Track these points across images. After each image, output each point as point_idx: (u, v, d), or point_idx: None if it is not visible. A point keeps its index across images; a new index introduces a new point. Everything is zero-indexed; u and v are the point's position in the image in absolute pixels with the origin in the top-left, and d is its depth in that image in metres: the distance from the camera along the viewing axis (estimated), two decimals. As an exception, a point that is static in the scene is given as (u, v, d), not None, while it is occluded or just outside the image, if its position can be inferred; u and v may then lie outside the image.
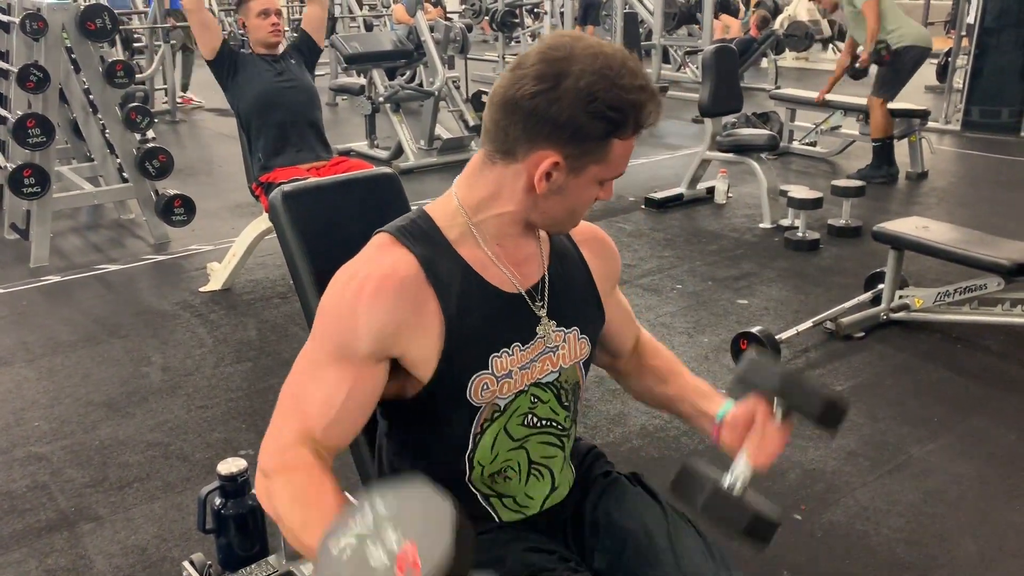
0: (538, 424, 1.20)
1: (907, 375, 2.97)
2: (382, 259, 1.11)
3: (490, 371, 1.14)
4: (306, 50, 3.62)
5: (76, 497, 2.33)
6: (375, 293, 1.08)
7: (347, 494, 1.07)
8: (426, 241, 1.13)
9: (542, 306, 1.18)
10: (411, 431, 1.22)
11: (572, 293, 1.22)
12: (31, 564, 2.07)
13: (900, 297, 3.29)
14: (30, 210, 4.23)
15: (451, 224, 1.15)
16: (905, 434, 2.60)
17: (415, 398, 1.15)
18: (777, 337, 2.97)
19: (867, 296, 3.43)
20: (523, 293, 1.16)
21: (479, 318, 1.12)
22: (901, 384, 2.91)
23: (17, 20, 4.18)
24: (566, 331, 1.21)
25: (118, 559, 2.09)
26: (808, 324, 3.17)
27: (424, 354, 1.11)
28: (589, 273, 1.26)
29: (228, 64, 3.42)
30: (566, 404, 1.23)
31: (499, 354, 1.14)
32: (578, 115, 1.02)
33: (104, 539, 2.16)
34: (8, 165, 4.21)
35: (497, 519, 1.22)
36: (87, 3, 4.39)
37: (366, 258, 1.13)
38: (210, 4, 8.75)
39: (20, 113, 4.10)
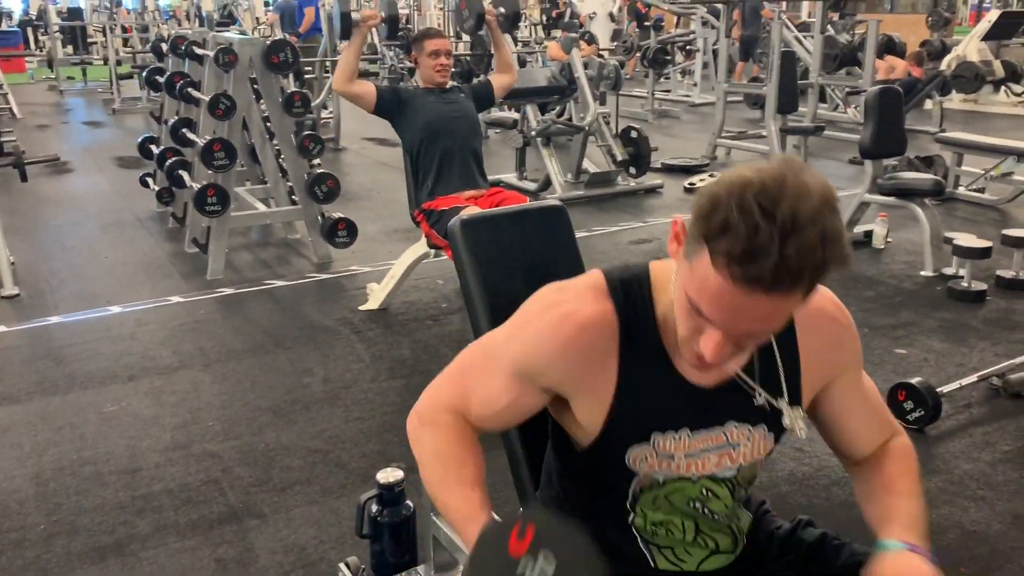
0: (707, 513, 1.19)
1: (1084, 440, 2.77)
2: (587, 305, 1.11)
3: (651, 445, 1.13)
4: (482, 96, 3.85)
5: (244, 494, 2.51)
6: (568, 341, 1.09)
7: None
8: (635, 306, 1.12)
9: (727, 405, 1.13)
10: (578, 477, 1.25)
11: (768, 385, 1.14)
12: (204, 552, 2.25)
13: (1078, 356, 3.09)
14: (210, 227, 4.59)
15: (663, 294, 1.11)
16: (1081, 503, 2.43)
17: (583, 451, 1.18)
18: (938, 390, 2.84)
19: (1040, 353, 3.23)
20: (707, 389, 1.12)
21: (653, 396, 1.11)
22: (1077, 449, 2.72)
23: (211, 53, 4.57)
24: (751, 428, 1.15)
25: (280, 555, 2.23)
26: (972, 378, 3.01)
27: (591, 413, 1.13)
28: (797, 361, 1.15)
29: (392, 108, 3.63)
30: (739, 497, 1.22)
31: (664, 434, 1.13)
32: (699, 199, 0.95)
33: (268, 536, 2.32)
34: (194, 185, 4.59)
35: (653, 564, 1.22)
36: (273, 38, 4.76)
37: (576, 293, 1.13)
38: (373, 39, 9.25)
39: (208, 138, 4.48)
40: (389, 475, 2.07)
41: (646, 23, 12.81)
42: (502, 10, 6.03)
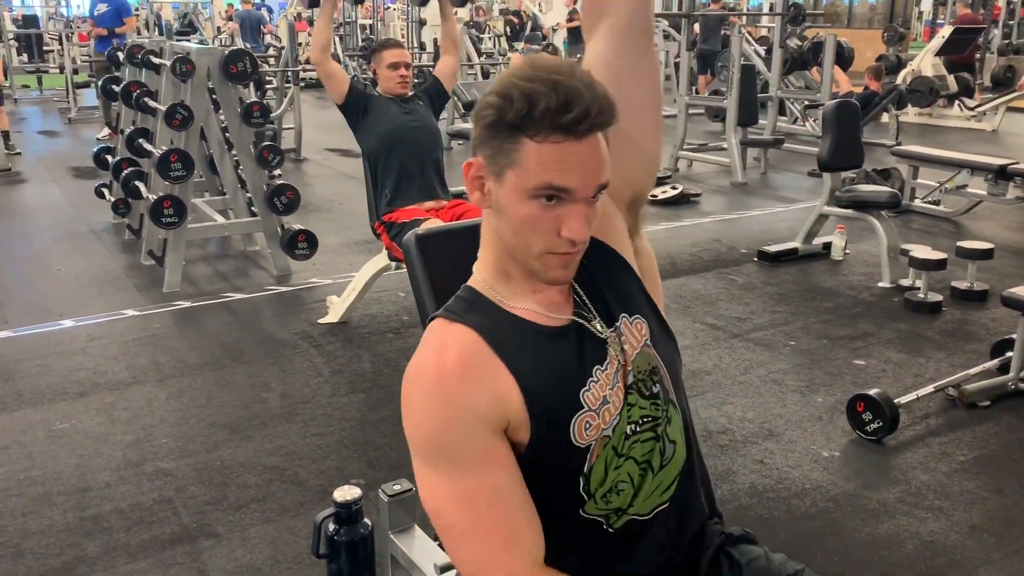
0: (636, 429, 1.14)
1: (1037, 449, 2.81)
2: (444, 343, 1.10)
3: (585, 408, 1.10)
4: (435, 95, 3.78)
5: (197, 514, 2.45)
6: (462, 376, 1.06)
7: None
8: (475, 310, 1.13)
9: (597, 321, 1.14)
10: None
11: (609, 286, 1.17)
12: (156, 574, 2.18)
13: (1031, 366, 3.14)
14: (166, 239, 4.51)
15: (491, 286, 1.15)
16: (1035, 512, 2.46)
17: (525, 460, 1.11)
18: (896, 401, 2.86)
19: (994, 363, 3.28)
20: (575, 319, 1.13)
21: (549, 363, 1.10)
22: (1031, 459, 2.76)
23: (168, 63, 4.50)
24: (620, 325, 1.16)
25: (234, 576, 2.18)
26: (929, 389, 3.04)
27: (516, 417, 1.08)
28: (614, 251, 1.20)
29: (359, 106, 3.58)
30: (648, 394, 1.15)
31: (587, 387, 1.10)
32: (484, 110, 1.03)
33: (222, 556, 2.26)
34: (150, 196, 4.51)
35: (611, 530, 1.15)
36: (231, 48, 4.69)
37: (428, 350, 1.11)
38: (336, 49, 9.20)
39: (164, 148, 4.40)
40: (346, 493, 2.02)
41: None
42: None
